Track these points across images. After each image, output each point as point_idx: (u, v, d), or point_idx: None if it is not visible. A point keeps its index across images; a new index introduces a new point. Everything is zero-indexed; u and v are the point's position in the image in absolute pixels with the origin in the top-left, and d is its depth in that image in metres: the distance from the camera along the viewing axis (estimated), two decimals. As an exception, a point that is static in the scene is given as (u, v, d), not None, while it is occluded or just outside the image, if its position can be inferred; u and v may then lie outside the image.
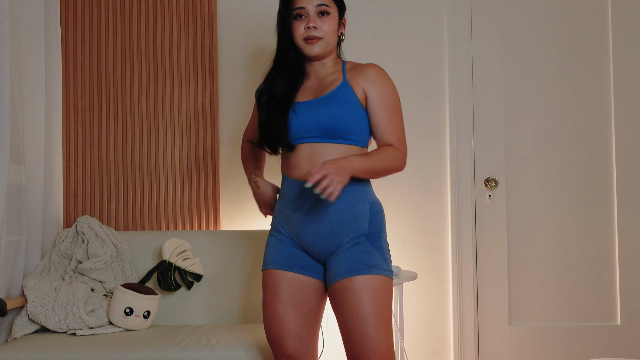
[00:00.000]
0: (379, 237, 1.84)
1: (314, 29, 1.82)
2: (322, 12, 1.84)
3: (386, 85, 1.86)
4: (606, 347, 2.98)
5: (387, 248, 1.87)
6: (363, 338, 1.74)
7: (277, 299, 1.85)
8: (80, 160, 3.00)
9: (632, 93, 3.02)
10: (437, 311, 3.00)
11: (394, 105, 1.86)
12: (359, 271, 1.76)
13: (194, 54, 3.00)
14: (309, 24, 1.82)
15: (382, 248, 1.83)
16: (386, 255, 1.84)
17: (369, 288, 1.75)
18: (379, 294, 1.76)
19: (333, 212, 1.80)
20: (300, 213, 1.84)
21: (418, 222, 3.02)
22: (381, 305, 1.77)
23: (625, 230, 3.01)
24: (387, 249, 1.86)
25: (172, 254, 2.65)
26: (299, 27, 1.84)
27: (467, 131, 3.03)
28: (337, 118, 1.80)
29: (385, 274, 1.80)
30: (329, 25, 1.84)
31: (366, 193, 1.86)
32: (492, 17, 3.05)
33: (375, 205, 1.87)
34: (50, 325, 2.43)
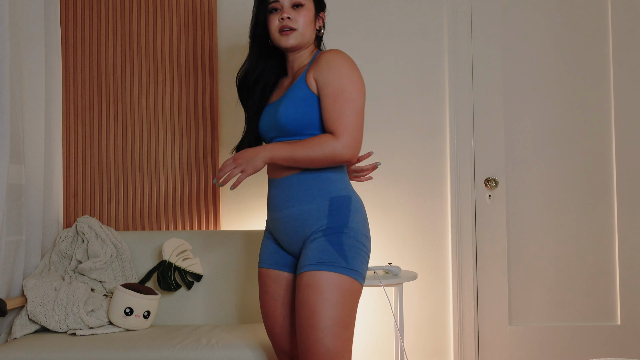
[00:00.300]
0: (339, 232, 1.73)
1: (288, 20, 1.81)
2: (296, 5, 1.83)
3: (333, 70, 1.74)
4: (606, 347, 2.98)
5: (351, 244, 1.73)
6: (300, 338, 1.69)
7: (267, 296, 1.90)
8: (80, 160, 3.00)
9: (632, 93, 3.02)
10: (437, 311, 3.00)
11: (339, 90, 1.72)
12: (307, 267, 1.70)
13: (194, 54, 3.00)
14: (282, 15, 1.82)
15: (340, 244, 1.72)
16: (347, 252, 1.71)
17: (313, 285, 1.68)
18: (325, 291, 1.67)
19: (293, 208, 1.79)
20: (273, 211, 1.87)
21: (418, 222, 3.02)
22: (327, 303, 1.67)
23: (625, 230, 3.01)
24: (351, 245, 1.73)
25: (172, 254, 2.65)
26: (274, 20, 1.84)
27: (467, 131, 3.03)
28: (287, 116, 1.78)
29: (338, 270, 1.69)
30: (303, 16, 1.83)
31: (327, 187, 1.78)
32: (492, 17, 3.05)
33: (338, 200, 1.77)
34: (50, 325, 2.43)
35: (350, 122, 1.71)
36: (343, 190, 1.80)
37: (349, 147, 1.70)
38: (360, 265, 1.74)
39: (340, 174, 1.82)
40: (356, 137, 1.71)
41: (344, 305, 1.69)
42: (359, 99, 1.73)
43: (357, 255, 1.73)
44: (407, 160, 3.03)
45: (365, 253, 1.77)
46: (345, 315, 1.69)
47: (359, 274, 1.73)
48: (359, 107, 1.73)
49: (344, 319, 1.69)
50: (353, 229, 1.75)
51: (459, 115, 3.02)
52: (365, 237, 1.78)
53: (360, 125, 1.73)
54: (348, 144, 1.70)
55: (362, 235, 1.77)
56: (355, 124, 1.71)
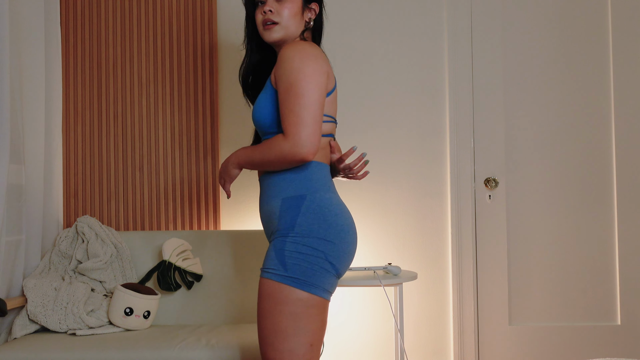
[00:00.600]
0: (284, 236, 1.64)
1: (270, 13, 1.76)
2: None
3: (284, 65, 1.65)
4: (606, 347, 2.98)
5: (295, 249, 1.62)
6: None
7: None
8: (80, 160, 3.00)
9: (632, 93, 3.02)
10: (437, 311, 3.00)
11: (288, 85, 1.62)
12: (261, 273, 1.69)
13: (194, 54, 3.00)
14: (264, 8, 1.77)
15: (281, 249, 1.62)
16: (287, 258, 1.61)
17: (258, 292, 1.67)
18: (262, 299, 1.64)
19: (262, 209, 1.78)
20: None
21: (418, 222, 3.02)
22: (264, 312, 1.63)
23: (625, 230, 3.01)
24: (294, 250, 1.62)
25: (172, 254, 2.65)
26: (258, 13, 1.80)
27: (467, 131, 3.03)
28: (256, 114, 1.75)
29: (274, 278, 1.61)
30: (287, 9, 1.76)
31: (282, 188, 1.70)
32: (492, 17, 3.05)
33: (289, 201, 1.68)
34: (50, 325, 2.43)
35: (299, 119, 1.59)
36: (298, 190, 1.68)
37: (298, 145, 1.59)
38: (304, 272, 1.61)
39: (297, 173, 1.70)
40: (307, 134, 1.59)
41: (281, 315, 1.60)
42: (310, 92, 1.61)
43: (302, 262, 1.61)
44: (407, 160, 3.02)
45: (320, 259, 1.62)
46: (284, 325, 1.59)
47: (302, 281, 1.60)
48: (310, 101, 1.60)
49: (282, 329, 1.60)
50: (301, 232, 1.63)
51: (459, 115, 3.02)
52: (320, 240, 1.63)
53: (312, 120, 1.59)
54: (297, 143, 1.59)
55: (315, 239, 1.63)
56: (306, 119, 1.59)
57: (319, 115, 1.61)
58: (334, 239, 1.64)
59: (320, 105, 1.62)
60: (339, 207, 1.70)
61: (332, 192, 1.73)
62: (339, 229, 1.66)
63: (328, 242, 1.63)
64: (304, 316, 1.60)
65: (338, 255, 1.65)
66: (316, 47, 1.73)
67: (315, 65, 1.65)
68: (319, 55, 1.70)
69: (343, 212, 1.70)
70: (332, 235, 1.64)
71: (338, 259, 1.65)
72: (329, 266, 1.63)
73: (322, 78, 1.65)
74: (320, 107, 1.62)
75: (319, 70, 1.65)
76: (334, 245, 1.64)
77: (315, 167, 1.72)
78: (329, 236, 1.64)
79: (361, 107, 3.04)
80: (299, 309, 1.60)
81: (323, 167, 1.75)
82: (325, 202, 1.68)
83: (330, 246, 1.64)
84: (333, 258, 1.64)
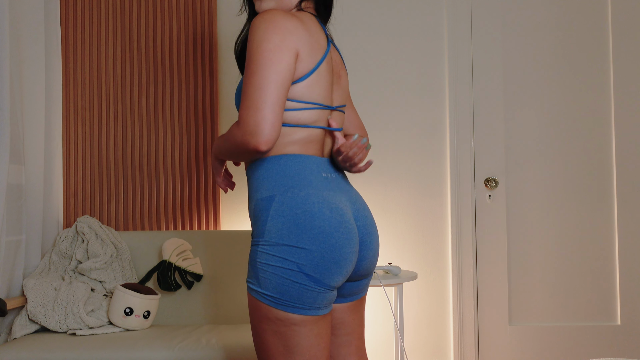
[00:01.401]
0: (255, 244, 1.43)
1: None
2: None
3: (249, 38, 1.41)
4: (606, 347, 2.98)
5: (264, 259, 1.39)
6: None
7: None
8: (80, 160, 3.00)
9: (632, 93, 3.02)
10: (437, 311, 3.00)
11: (248, 62, 1.39)
12: None
13: (193, 54, 3.00)
14: None
15: (254, 261, 1.41)
16: (259, 269, 1.39)
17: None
18: (250, 314, 1.46)
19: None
20: None
21: (418, 222, 3.02)
22: (252, 328, 1.46)
23: (625, 230, 3.01)
24: (263, 261, 1.39)
25: (172, 254, 2.65)
26: None
27: (467, 131, 3.03)
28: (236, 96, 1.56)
29: (251, 293, 1.43)
30: None
31: (254, 187, 1.49)
32: (492, 17, 3.05)
33: (260, 203, 1.44)
34: (50, 325, 2.43)
35: (249, 102, 1.35)
36: (270, 189, 1.44)
37: (247, 133, 1.34)
38: (277, 288, 1.37)
39: (268, 169, 1.46)
40: (257, 120, 1.33)
41: (265, 333, 1.41)
42: (265, 71, 1.35)
43: (273, 276, 1.38)
44: (407, 160, 3.02)
45: (292, 271, 1.36)
46: (271, 343, 1.41)
47: (277, 299, 1.37)
48: (264, 82, 1.35)
49: (270, 347, 1.42)
50: (270, 240, 1.39)
51: (459, 115, 3.02)
52: (290, 248, 1.37)
53: (263, 103, 1.33)
54: (246, 130, 1.34)
55: (284, 247, 1.37)
56: (257, 103, 1.34)
57: (274, 98, 1.34)
58: (308, 244, 1.36)
59: (277, 87, 1.35)
60: (319, 205, 1.40)
61: (312, 188, 1.43)
62: (316, 232, 1.37)
63: (300, 249, 1.36)
64: (290, 335, 1.39)
65: (316, 265, 1.36)
66: (292, 19, 1.44)
67: (280, 40, 1.38)
68: (292, 29, 1.41)
69: (323, 210, 1.39)
70: (305, 241, 1.36)
71: (317, 269, 1.37)
72: (305, 279, 1.36)
73: (286, 56, 1.38)
74: (277, 89, 1.35)
75: (284, 47, 1.38)
76: (309, 253, 1.36)
77: (290, 160, 1.45)
78: (301, 242, 1.36)
79: (361, 107, 3.03)
80: (281, 328, 1.39)
81: (303, 160, 1.47)
82: (297, 201, 1.39)
83: (304, 254, 1.36)
84: (309, 269, 1.36)
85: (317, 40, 1.50)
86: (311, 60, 1.46)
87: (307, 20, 1.51)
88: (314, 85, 1.47)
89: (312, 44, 1.47)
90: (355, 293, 1.58)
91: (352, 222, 1.45)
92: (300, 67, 1.44)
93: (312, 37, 1.48)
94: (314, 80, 1.47)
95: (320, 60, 1.48)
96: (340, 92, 1.60)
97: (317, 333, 1.42)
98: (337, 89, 1.59)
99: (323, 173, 1.49)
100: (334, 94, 1.57)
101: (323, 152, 1.55)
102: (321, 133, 1.52)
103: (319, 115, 1.50)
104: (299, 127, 1.47)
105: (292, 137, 1.47)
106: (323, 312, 1.42)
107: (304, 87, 1.46)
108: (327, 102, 1.52)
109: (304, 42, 1.44)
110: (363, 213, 1.53)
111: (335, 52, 1.63)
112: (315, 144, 1.51)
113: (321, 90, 1.49)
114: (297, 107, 1.46)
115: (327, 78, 1.51)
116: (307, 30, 1.46)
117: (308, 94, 1.47)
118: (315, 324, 1.41)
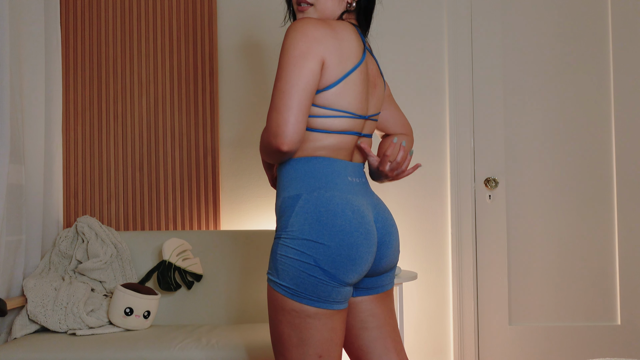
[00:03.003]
0: (278, 237, 1.51)
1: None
2: None
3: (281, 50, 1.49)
4: (606, 347, 2.98)
5: (284, 252, 1.47)
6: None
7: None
8: (80, 160, 3.00)
9: (632, 93, 3.02)
10: (437, 311, 3.00)
11: (277, 69, 1.47)
12: None
13: (194, 54, 3.00)
14: None
15: (274, 252, 1.50)
16: (278, 262, 1.47)
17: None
18: (268, 305, 1.53)
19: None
20: None
21: (418, 222, 3.02)
22: (269, 319, 1.53)
23: (625, 230, 3.01)
24: (283, 254, 1.47)
25: (172, 254, 2.65)
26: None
27: (467, 131, 3.03)
28: None
29: (270, 284, 1.50)
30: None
31: (282, 185, 1.56)
32: (492, 17, 3.05)
33: (288, 201, 1.52)
34: (50, 325, 2.43)
35: (273, 105, 1.44)
36: (297, 188, 1.51)
37: (271, 134, 1.43)
38: (294, 279, 1.44)
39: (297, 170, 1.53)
40: (279, 122, 1.42)
41: (281, 324, 1.48)
42: (290, 76, 1.43)
43: (290, 268, 1.45)
44: (407, 160, 3.02)
45: (308, 264, 1.44)
46: (286, 334, 1.47)
47: (292, 290, 1.45)
48: (288, 87, 1.42)
49: (285, 338, 1.48)
50: (291, 234, 1.47)
51: (459, 115, 3.02)
52: (309, 242, 1.44)
53: (286, 107, 1.41)
54: (270, 131, 1.44)
55: (304, 241, 1.45)
56: (279, 106, 1.42)
57: (297, 102, 1.42)
58: (327, 240, 1.44)
59: (299, 91, 1.42)
60: (342, 206, 1.47)
61: (338, 190, 1.50)
62: (336, 230, 1.44)
63: (319, 244, 1.44)
64: (304, 327, 1.46)
65: (332, 260, 1.43)
66: (322, 28, 1.49)
67: (306, 48, 1.44)
68: (320, 37, 1.47)
69: (345, 211, 1.47)
70: (325, 237, 1.44)
71: (333, 264, 1.43)
72: (320, 273, 1.43)
73: (310, 63, 1.44)
74: (299, 93, 1.42)
75: (309, 54, 1.44)
76: (327, 249, 1.43)
77: (319, 163, 1.52)
78: (320, 238, 1.44)
79: (361, 107, 3.04)
80: (295, 319, 1.46)
81: (331, 163, 1.53)
82: (322, 201, 1.47)
83: (322, 249, 1.43)
84: (325, 263, 1.43)
85: (350, 49, 1.53)
86: (340, 69, 1.50)
87: (342, 29, 1.54)
88: (344, 94, 1.51)
89: (342, 52, 1.51)
90: (379, 285, 1.63)
91: (372, 224, 1.51)
92: (328, 74, 1.48)
93: (343, 46, 1.51)
94: (343, 88, 1.51)
95: (352, 69, 1.52)
96: (374, 101, 1.64)
97: (331, 327, 1.48)
98: (372, 98, 1.62)
99: (349, 177, 1.55)
100: (370, 103, 1.61)
101: (352, 158, 1.61)
102: (351, 141, 1.57)
103: (349, 123, 1.54)
104: (328, 133, 1.52)
105: (321, 143, 1.52)
106: (338, 307, 1.48)
107: (333, 94, 1.50)
108: (360, 111, 1.56)
109: (332, 51, 1.48)
110: (383, 215, 1.59)
111: (372, 61, 1.66)
112: (344, 151, 1.56)
113: (352, 99, 1.53)
114: (326, 114, 1.51)
115: (360, 87, 1.54)
116: (337, 39, 1.50)
117: (337, 102, 1.51)
118: (330, 318, 1.47)
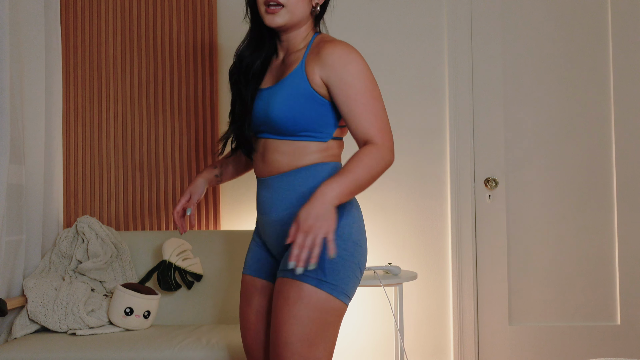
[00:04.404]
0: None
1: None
2: None
3: (349, 68, 1.51)
4: (606, 347, 2.98)
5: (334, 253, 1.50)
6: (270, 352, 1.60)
7: (249, 308, 1.79)
8: (80, 160, 3.00)
9: (632, 93, 3.02)
10: (437, 311, 3.00)
11: (363, 90, 1.51)
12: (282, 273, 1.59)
13: (194, 54, 3.00)
14: None
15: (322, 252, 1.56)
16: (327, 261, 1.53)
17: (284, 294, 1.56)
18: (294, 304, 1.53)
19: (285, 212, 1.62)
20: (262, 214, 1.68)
21: (418, 222, 3.02)
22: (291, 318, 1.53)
23: (625, 231, 3.01)
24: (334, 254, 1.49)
25: (172, 254, 2.65)
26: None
27: (467, 131, 3.03)
28: (281, 114, 1.55)
29: (311, 282, 1.52)
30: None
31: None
32: (492, 17, 3.05)
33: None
34: (50, 325, 2.43)
35: (383, 125, 1.52)
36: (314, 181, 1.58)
37: (392, 151, 1.53)
38: (341, 279, 1.50)
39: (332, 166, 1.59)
40: (391, 136, 1.54)
41: (312, 322, 1.48)
42: (380, 96, 1.56)
43: (341, 268, 1.50)
44: (407, 160, 3.02)
45: (354, 265, 1.53)
46: (313, 333, 1.48)
47: (339, 289, 1.50)
48: (383, 104, 1.55)
49: (310, 337, 1.48)
50: (341, 234, 1.52)
51: (459, 115, 3.02)
52: (356, 245, 1.54)
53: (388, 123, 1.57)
54: (392, 149, 1.53)
55: (352, 242, 1.54)
56: (388, 123, 1.55)
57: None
58: (364, 243, 1.59)
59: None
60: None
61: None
62: (364, 232, 1.61)
63: (361, 248, 1.57)
64: (333, 325, 1.51)
65: (365, 261, 1.59)
66: None
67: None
68: None
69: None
70: (364, 241, 1.59)
71: (364, 265, 1.58)
72: (358, 273, 1.56)
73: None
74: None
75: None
76: (364, 252, 1.58)
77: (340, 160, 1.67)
78: (362, 242, 1.58)
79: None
80: (333, 318, 1.51)
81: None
82: (358, 203, 1.63)
83: (361, 253, 1.57)
84: (362, 264, 1.57)
85: None
86: None
87: None
88: None
89: None
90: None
91: None
92: None
93: None
94: None
95: None
96: None
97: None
98: None
99: None
100: None
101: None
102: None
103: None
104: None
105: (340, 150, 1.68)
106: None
107: None
108: None
109: None
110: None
111: None
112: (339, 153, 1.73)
113: None
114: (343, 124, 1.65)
115: None
116: None
117: None
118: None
